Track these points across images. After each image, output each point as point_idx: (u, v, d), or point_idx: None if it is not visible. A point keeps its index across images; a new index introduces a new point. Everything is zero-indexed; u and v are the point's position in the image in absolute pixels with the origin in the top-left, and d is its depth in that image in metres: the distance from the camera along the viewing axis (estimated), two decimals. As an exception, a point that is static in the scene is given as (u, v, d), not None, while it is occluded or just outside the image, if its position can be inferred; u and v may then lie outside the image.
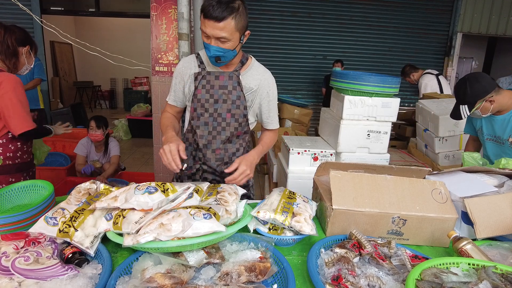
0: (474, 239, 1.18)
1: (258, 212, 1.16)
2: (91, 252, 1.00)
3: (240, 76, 1.50)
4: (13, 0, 3.31)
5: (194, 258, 0.95)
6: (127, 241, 0.91)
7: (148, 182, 1.09)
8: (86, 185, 1.27)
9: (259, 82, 1.54)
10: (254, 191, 1.83)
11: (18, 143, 1.81)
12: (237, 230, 1.05)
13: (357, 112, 2.51)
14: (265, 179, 4.28)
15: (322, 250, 1.07)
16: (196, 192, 1.18)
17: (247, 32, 1.40)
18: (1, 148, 1.74)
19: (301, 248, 1.19)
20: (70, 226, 1.03)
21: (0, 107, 1.68)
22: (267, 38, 6.71)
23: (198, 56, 1.54)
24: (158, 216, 0.97)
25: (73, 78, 9.99)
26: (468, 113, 1.95)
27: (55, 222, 1.04)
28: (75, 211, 1.09)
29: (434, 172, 1.52)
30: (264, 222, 1.19)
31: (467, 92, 1.90)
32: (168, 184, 1.10)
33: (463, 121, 2.69)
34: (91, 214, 1.10)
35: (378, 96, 2.49)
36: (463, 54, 7.55)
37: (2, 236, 1.01)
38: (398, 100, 2.54)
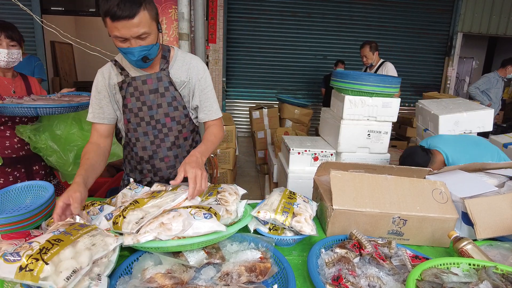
0: (475, 240, 1.18)
1: (259, 212, 1.16)
2: None
3: (169, 74, 1.36)
4: (13, 0, 3.32)
5: (195, 258, 0.95)
6: (127, 241, 0.91)
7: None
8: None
9: (188, 72, 1.39)
10: (249, 191, 1.69)
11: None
12: (237, 230, 1.05)
13: (358, 112, 2.51)
14: (265, 179, 4.28)
15: (323, 250, 1.07)
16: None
17: (160, 19, 1.30)
18: None
19: (302, 248, 1.19)
20: (38, 260, 0.75)
21: None
22: (267, 38, 6.71)
23: (116, 63, 1.37)
24: (159, 215, 0.96)
25: (74, 78, 9.99)
26: None
27: (16, 257, 0.75)
28: (48, 240, 0.81)
29: (434, 171, 1.52)
30: (265, 222, 1.19)
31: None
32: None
33: (463, 121, 2.70)
34: (71, 244, 0.82)
35: (379, 96, 2.49)
36: (463, 54, 7.55)
37: (2, 236, 1.01)
38: (398, 100, 2.54)
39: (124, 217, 0.97)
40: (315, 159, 2.62)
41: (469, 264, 0.92)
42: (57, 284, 0.73)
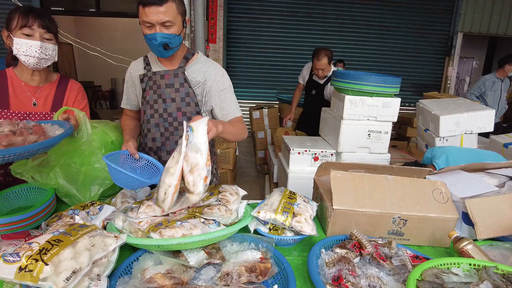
0: (475, 240, 1.17)
1: (259, 212, 1.16)
2: None
3: (185, 72, 1.47)
4: (13, 0, 3.32)
5: (195, 258, 0.95)
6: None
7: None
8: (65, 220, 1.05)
9: (205, 74, 1.50)
10: (249, 192, 1.77)
11: None
12: (237, 230, 1.05)
13: (358, 112, 2.51)
14: (265, 179, 4.28)
15: (323, 250, 1.07)
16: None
17: (187, 18, 1.41)
18: None
19: (302, 248, 1.18)
20: (37, 261, 0.74)
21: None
22: (267, 38, 6.71)
23: (145, 58, 1.54)
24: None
25: (74, 78, 9.95)
26: None
27: (16, 258, 0.74)
28: (47, 241, 0.80)
29: (435, 171, 1.52)
30: (265, 222, 1.19)
31: None
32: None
33: (464, 122, 2.70)
34: (70, 245, 0.81)
35: (379, 96, 2.49)
36: (463, 54, 7.54)
37: (2, 236, 1.01)
38: (398, 100, 2.54)
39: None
40: (315, 159, 2.62)
41: (470, 264, 0.92)
42: (57, 284, 0.73)
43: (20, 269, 0.73)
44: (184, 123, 1.04)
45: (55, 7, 6.32)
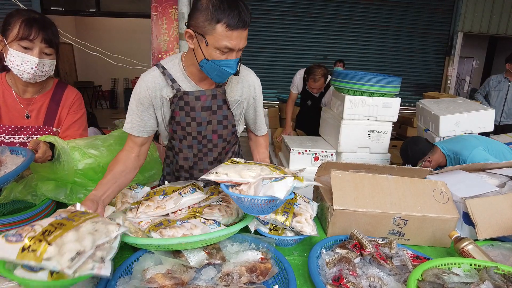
0: (476, 240, 1.17)
1: (259, 212, 1.16)
2: (70, 273, 0.72)
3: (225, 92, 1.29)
4: (13, 0, 3.32)
5: (195, 258, 0.95)
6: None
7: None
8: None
9: (242, 90, 1.33)
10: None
11: None
12: (238, 230, 1.05)
13: (358, 112, 2.51)
14: (265, 179, 4.27)
15: (323, 250, 1.07)
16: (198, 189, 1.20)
17: None
18: None
19: (302, 248, 1.18)
20: (41, 241, 0.73)
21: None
22: (268, 38, 6.71)
23: (165, 72, 1.23)
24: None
25: (74, 78, 10.00)
26: None
27: (19, 238, 0.74)
28: (50, 224, 0.80)
29: (435, 171, 1.52)
30: (265, 223, 1.19)
31: (409, 154, 2.24)
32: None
33: (464, 122, 2.69)
34: (73, 228, 0.80)
35: (379, 96, 2.49)
36: (464, 54, 7.54)
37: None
38: (398, 100, 2.54)
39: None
40: (316, 159, 2.62)
41: (470, 264, 0.92)
42: (61, 264, 0.71)
43: (23, 249, 0.72)
44: None
45: (55, 7, 6.31)
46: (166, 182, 1.32)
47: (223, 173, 1.01)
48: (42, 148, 1.16)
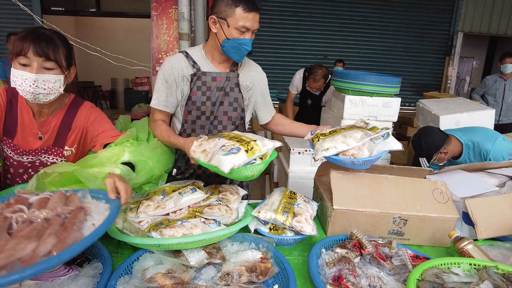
0: (475, 239, 1.17)
1: (259, 212, 1.16)
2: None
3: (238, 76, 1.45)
4: (13, 0, 3.32)
5: (195, 258, 0.95)
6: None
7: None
8: None
9: (253, 79, 1.52)
10: (249, 191, 1.74)
11: None
12: (238, 230, 1.05)
13: (358, 111, 2.51)
14: (265, 179, 4.27)
15: (323, 250, 1.07)
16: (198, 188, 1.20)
17: None
18: None
19: (302, 248, 1.18)
20: (248, 143, 1.06)
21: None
22: (268, 38, 6.70)
23: (188, 56, 1.42)
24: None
25: (74, 78, 9.99)
26: (428, 165, 2.01)
27: (237, 150, 1.02)
28: (230, 138, 1.10)
29: (435, 172, 1.52)
30: (265, 222, 1.19)
31: (423, 147, 2.01)
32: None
33: (464, 122, 2.69)
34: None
35: (379, 96, 2.49)
36: (464, 54, 7.53)
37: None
38: (399, 100, 2.54)
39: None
40: (316, 159, 2.61)
41: (470, 264, 0.92)
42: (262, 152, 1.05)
43: (246, 151, 1.02)
44: None
45: (55, 7, 6.32)
46: (174, 170, 1.41)
47: (332, 146, 1.19)
48: (124, 191, 0.94)
